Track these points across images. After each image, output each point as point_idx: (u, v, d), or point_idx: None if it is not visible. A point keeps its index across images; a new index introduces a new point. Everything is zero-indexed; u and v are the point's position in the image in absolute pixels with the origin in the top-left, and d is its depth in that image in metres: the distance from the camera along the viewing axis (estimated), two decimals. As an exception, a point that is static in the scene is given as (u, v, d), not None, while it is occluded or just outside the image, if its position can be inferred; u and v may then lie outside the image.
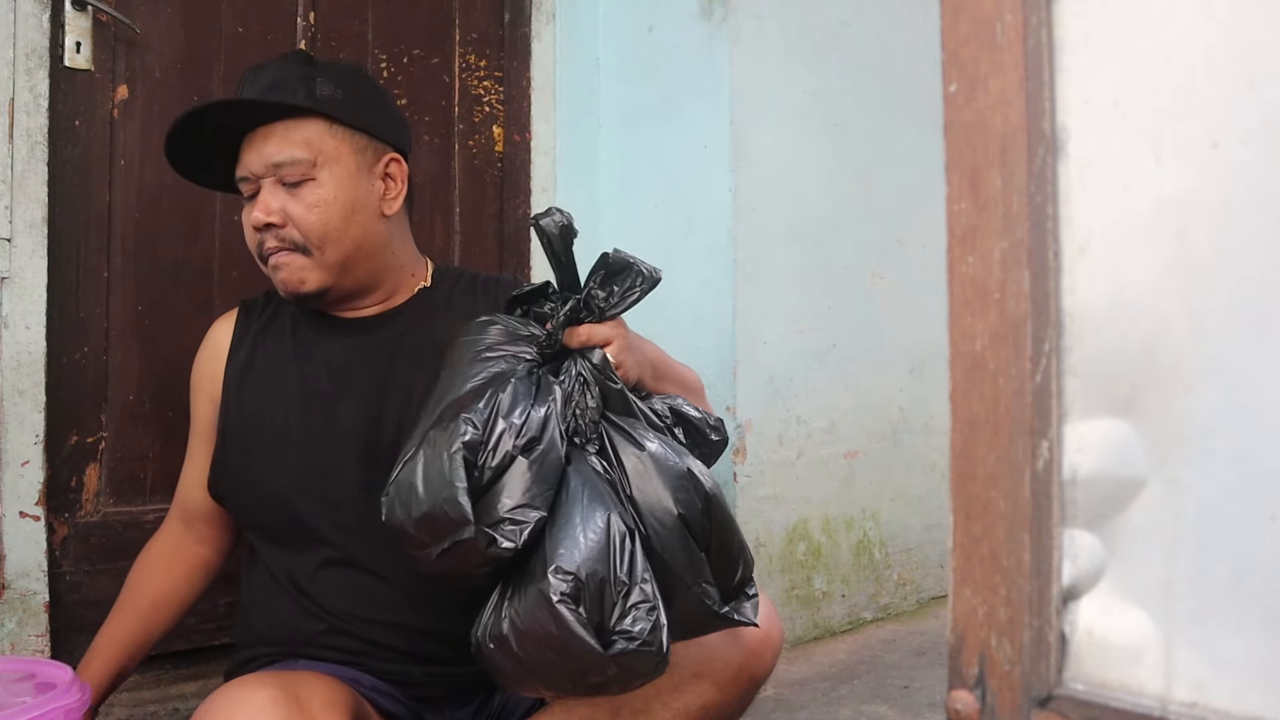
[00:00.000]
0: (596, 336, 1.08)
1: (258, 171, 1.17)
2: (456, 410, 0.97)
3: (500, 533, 0.92)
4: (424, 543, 0.94)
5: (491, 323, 1.10)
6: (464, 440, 0.93)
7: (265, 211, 1.16)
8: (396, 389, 1.21)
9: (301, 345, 1.25)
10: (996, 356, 0.44)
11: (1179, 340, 0.41)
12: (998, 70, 0.44)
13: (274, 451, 1.20)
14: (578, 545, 0.93)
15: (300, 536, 1.17)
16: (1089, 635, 0.43)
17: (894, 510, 2.51)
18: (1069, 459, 0.43)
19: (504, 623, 0.94)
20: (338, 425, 1.19)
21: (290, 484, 1.17)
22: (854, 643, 2.27)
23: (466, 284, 1.33)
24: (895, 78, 2.52)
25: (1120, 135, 0.43)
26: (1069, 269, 0.43)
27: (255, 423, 1.22)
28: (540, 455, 0.96)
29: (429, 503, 0.93)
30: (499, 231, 2.29)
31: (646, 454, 1.01)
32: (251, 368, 1.25)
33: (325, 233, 1.17)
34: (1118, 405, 0.43)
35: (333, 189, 1.18)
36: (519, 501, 0.93)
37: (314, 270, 1.18)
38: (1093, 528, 0.43)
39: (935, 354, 2.55)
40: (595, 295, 1.09)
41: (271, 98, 1.16)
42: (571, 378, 1.05)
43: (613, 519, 0.95)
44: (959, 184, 0.45)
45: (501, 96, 2.29)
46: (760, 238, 2.22)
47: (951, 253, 0.45)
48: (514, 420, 0.96)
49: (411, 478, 0.95)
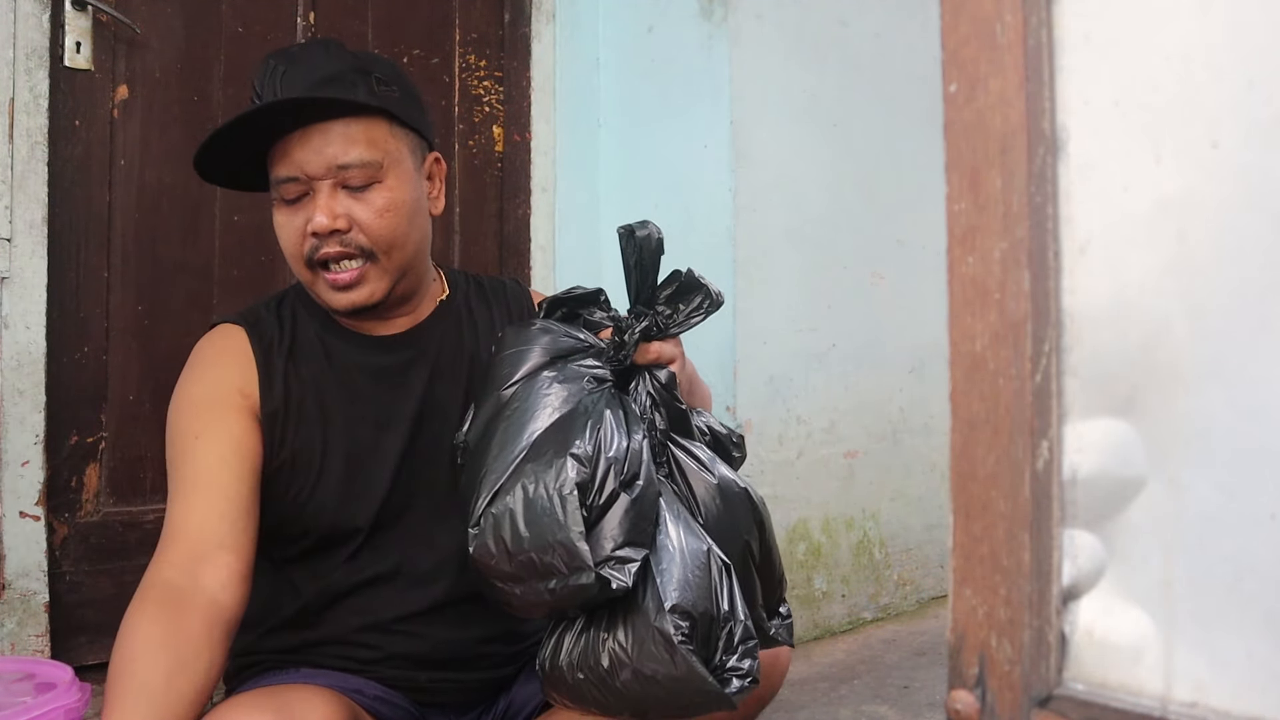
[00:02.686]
0: (665, 354, 1.05)
1: (316, 173, 1.07)
2: (560, 445, 0.94)
3: (610, 574, 0.90)
4: (518, 578, 0.92)
5: (544, 331, 1.05)
6: (576, 481, 0.91)
7: (331, 216, 1.07)
8: (435, 408, 1.17)
9: (340, 368, 1.16)
10: (996, 356, 0.44)
11: (1179, 340, 0.41)
12: (998, 70, 0.44)
13: (322, 478, 1.13)
14: (687, 583, 0.92)
15: (328, 557, 1.14)
16: (1089, 635, 0.43)
17: (894, 510, 2.52)
18: (1069, 459, 0.43)
19: (602, 655, 0.93)
20: (384, 448, 1.15)
21: (334, 509, 1.13)
22: (854, 643, 2.27)
23: (475, 290, 1.28)
24: (895, 78, 2.52)
25: (1120, 135, 0.43)
26: (1069, 269, 0.43)
27: (306, 452, 1.13)
28: (640, 491, 0.94)
29: (535, 543, 0.90)
30: (499, 231, 2.29)
31: (715, 478, 1.01)
32: (291, 394, 1.13)
33: (394, 238, 1.11)
34: (1118, 405, 0.43)
35: (400, 192, 1.11)
36: (625, 539, 0.91)
37: (381, 278, 1.11)
38: (1093, 528, 0.43)
39: (935, 354, 2.55)
40: (661, 312, 1.05)
41: (329, 93, 1.07)
42: (642, 397, 1.03)
43: (713, 552, 0.95)
44: (959, 184, 0.45)
45: (501, 96, 2.29)
46: (760, 237, 2.22)
47: (951, 253, 0.45)
48: (615, 456, 0.94)
49: (510, 515, 0.92)
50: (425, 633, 1.13)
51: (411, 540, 1.14)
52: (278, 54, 1.11)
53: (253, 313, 1.19)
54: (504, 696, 1.19)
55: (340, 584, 1.13)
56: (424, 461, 1.15)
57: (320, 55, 1.11)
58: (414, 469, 1.15)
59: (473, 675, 1.15)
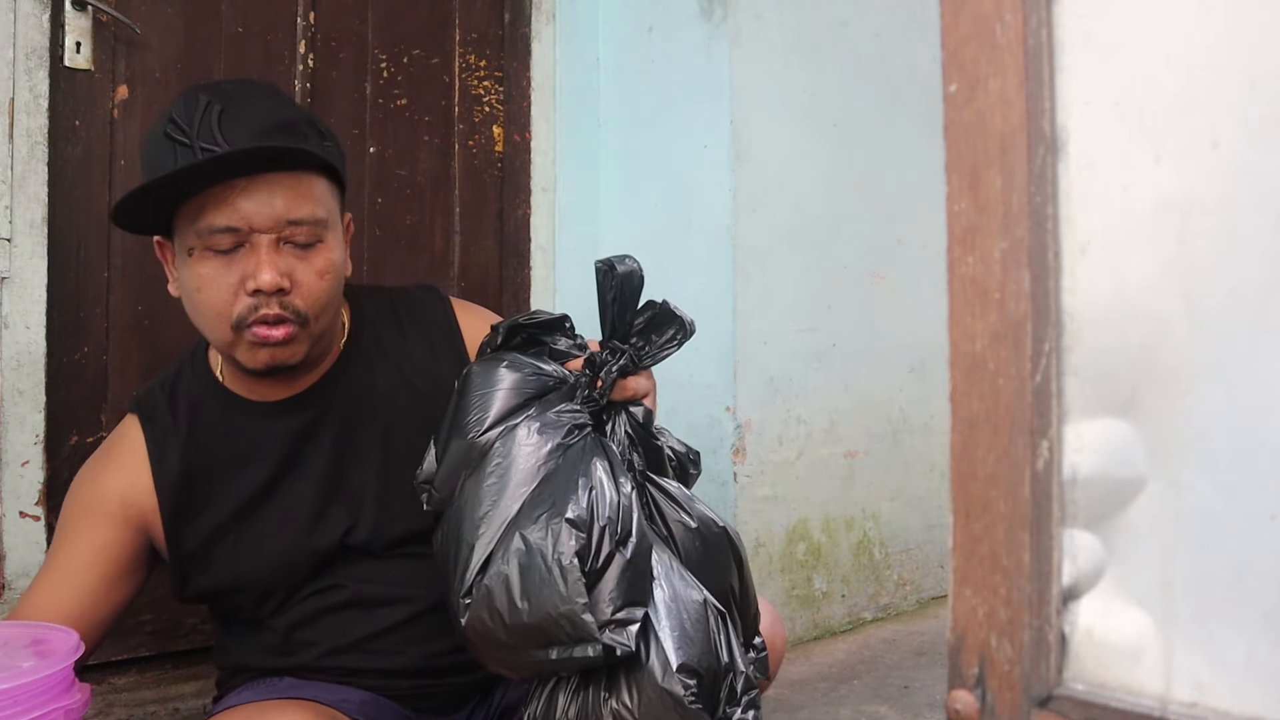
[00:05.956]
0: (641, 389, 1.03)
1: (262, 225, 1.00)
2: (552, 508, 0.90)
3: (613, 640, 0.87)
4: (514, 647, 0.90)
5: (511, 368, 1.00)
6: (575, 550, 0.88)
7: (276, 274, 1.00)
8: (350, 456, 1.13)
9: (244, 443, 1.12)
10: (996, 356, 0.44)
11: (1179, 340, 0.41)
12: (998, 70, 0.44)
13: (242, 556, 1.11)
14: (689, 638, 0.90)
15: (283, 603, 1.13)
16: (1089, 635, 0.43)
17: (894, 510, 2.52)
18: (1069, 459, 0.43)
19: (604, 715, 0.90)
20: (301, 509, 1.12)
21: (269, 572, 1.11)
22: (854, 643, 2.27)
23: (387, 315, 1.21)
24: (895, 78, 2.52)
25: (1120, 135, 0.43)
26: (1069, 269, 0.43)
27: (220, 534, 1.11)
28: (634, 548, 0.91)
29: (535, 614, 0.87)
30: (499, 231, 2.29)
31: (695, 520, 0.98)
32: (194, 484, 1.11)
33: (328, 301, 1.06)
34: (1118, 405, 0.43)
35: (337, 253, 1.07)
36: (624, 600, 0.89)
37: (304, 343, 1.06)
38: (1093, 528, 0.43)
39: (935, 354, 2.55)
40: (636, 344, 1.02)
41: (287, 142, 1.00)
42: (620, 436, 1.01)
43: (709, 602, 0.93)
44: (959, 184, 0.45)
45: (501, 96, 2.29)
46: (760, 237, 2.22)
47: (951, 253, 0.45)
48: (608, 514, 0.91)
49: (506, 584, 0.89)
50: (399, 649, 1.12)
51: (360, 577, 1.13)
52: (207, 89, 1.02)
53: (149, 399, 1.15)
54: (499, 689, 1.19)
55: (306, 613, 1.12)
56: (346, 510, 1.13)
57: (266, 99, 1.04)
58: (334, 521, 1.12)
59: (457, 679, 1.15)
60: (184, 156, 0.98)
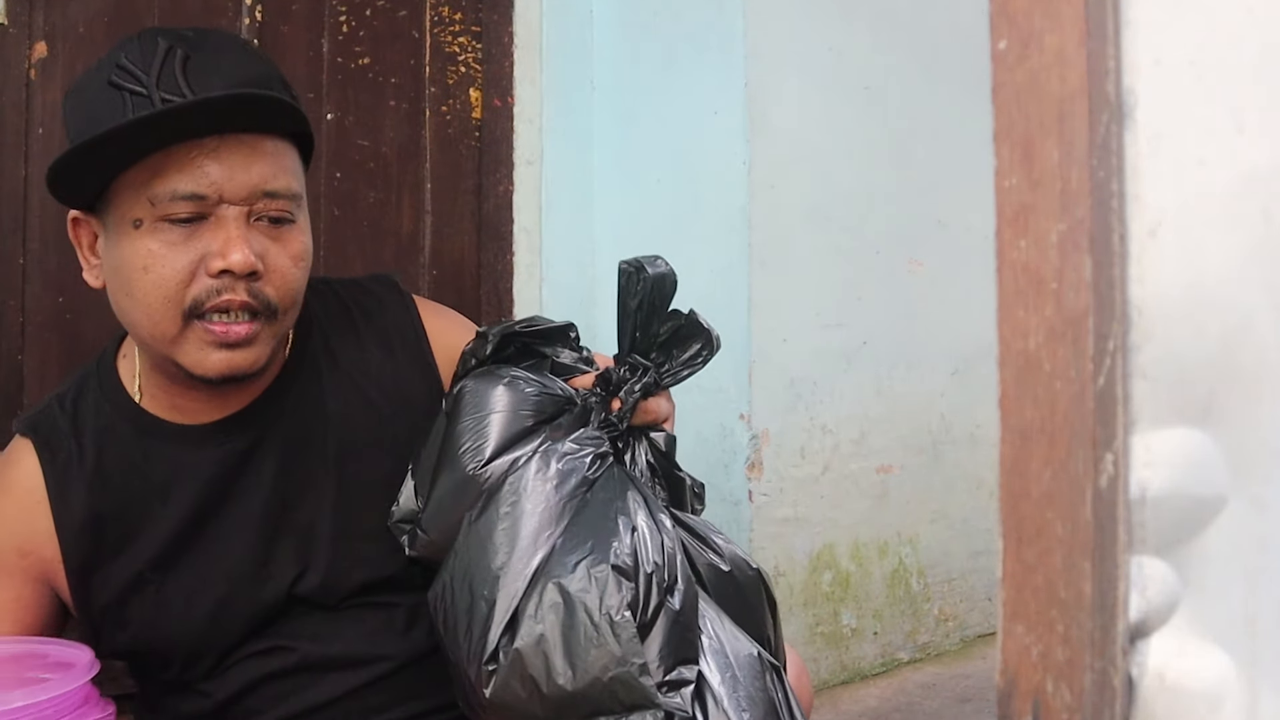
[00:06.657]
0: (662, 412, 1.01)
1: (232, 195, 0.95)
2: (592, 552, 0.89)
3: (671, 704, 0.86)
4: (545, 718, 0.88)
5: (510, 387, 0.99)
6: (627, 602, 0.86)
7: (250, 252, 0.95)
8: (293, 494, 1.09)
9: (164, 478, 1.06)
10: (1053, 356, 0.44)
11: (1264, 337, 0.41)
12: (1054, 24, 0.44)
13: (163, 608, 1.06)
14: (753, 699, 0.89)
15: (217, 666, 1.09)
16: (1160, 679, 0.43)
17: (934, 534, 2.52)
18: (1137, 475, 0.43)
19: None
20: (234, 555, 1.07)
21: (198, 632, 1.07)
22: (888, 687, 2.28)
23: (337, 315, 1.16)
24: (935, 33, 2.52)
25: (1197, 100, 0.43)
26: (1137, 255, 0.43)
27: (135, 585, 1.06)
28: (682, 597, 0.90)
29: (581, 679, 0.85)
30: (476, 211, 2.29)
31: (727, 562, 0.98)
32: (104, 528, 1.05)
33: (299, 293, 1.02)
34: (1193, 412, 0.43)
35: (308, 237, 1.03)
36: (675, 658, 0.87)
37: (268, 343, 1.01)
38: (1164, 554, 0.43)
39: (982, 353, 2.56)
40: (658, 361, 1.02)
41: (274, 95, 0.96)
42: (642, 467, 1.00)
43: (763, 656, 0.93)
44: (1009, 157, 0.45)
45: (479, 55, 2.30)
46: (779, 219, 2.22)
47: (1001, 236, 0.45)
48: (654, 558, 0.90)
49: (543, 646, 0.87)
50: (363, 713, 1.09)
51: (308, 634, 1.09)
52: (166, 33, 0.96)
53: (46, 421, 1.08)
54: None
55: (245, 679, 1.08)
56: (293, 553, 1.09)
57: (237, 48, 1.01)
58: (279, 567, 1.08)
59: None
60: (139, 106, 0.92)
